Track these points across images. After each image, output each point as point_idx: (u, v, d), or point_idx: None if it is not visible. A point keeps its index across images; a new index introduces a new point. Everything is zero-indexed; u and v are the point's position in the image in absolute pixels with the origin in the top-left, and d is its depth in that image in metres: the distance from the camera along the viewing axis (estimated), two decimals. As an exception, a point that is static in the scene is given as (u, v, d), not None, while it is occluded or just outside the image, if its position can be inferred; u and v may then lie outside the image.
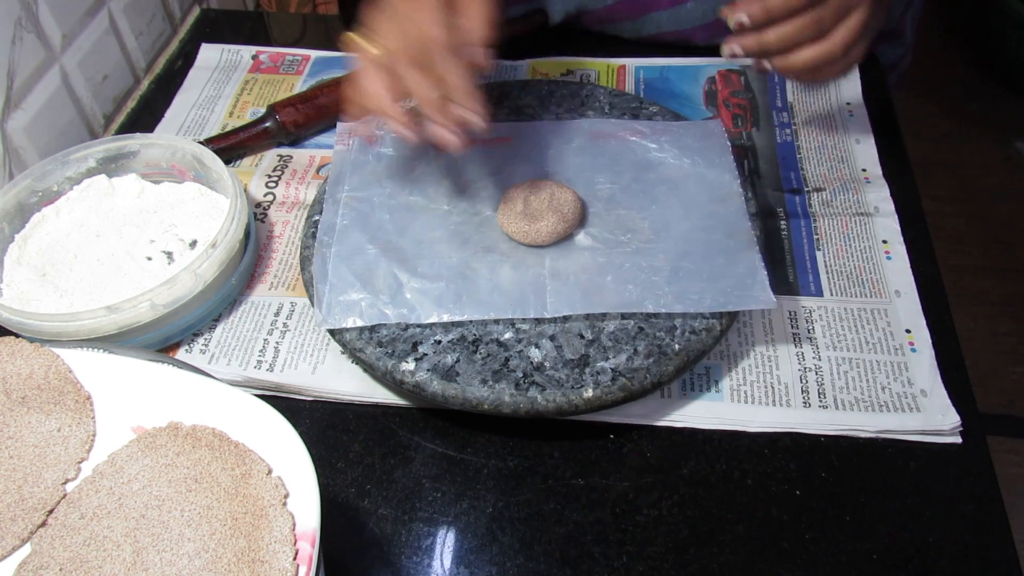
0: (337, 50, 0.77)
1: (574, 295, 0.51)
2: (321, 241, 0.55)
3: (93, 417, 0.37)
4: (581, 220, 0.56)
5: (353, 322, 0.50)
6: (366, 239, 0.55)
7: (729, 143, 0.60)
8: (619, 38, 0.78)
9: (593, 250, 0.54)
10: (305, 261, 0.55)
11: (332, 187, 0.59)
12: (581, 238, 0.55)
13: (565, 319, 0.51)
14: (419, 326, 0.51)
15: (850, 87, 0.71)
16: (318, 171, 0.67)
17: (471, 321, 0.51)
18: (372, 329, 0.50)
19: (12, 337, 0.40)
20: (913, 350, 0.53)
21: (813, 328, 0.55)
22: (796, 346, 0.54)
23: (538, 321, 0.51)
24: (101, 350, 0.41)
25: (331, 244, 0.55)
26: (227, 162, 0.67)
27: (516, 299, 0.51)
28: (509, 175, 0.59)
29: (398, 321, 0.50)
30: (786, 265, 0.59)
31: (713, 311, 0.50)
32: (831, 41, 0.51)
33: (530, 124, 0.63)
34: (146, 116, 0.74)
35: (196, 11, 0.86)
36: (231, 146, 0.67)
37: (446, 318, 0.50)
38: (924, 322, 0.55)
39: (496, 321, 0.51)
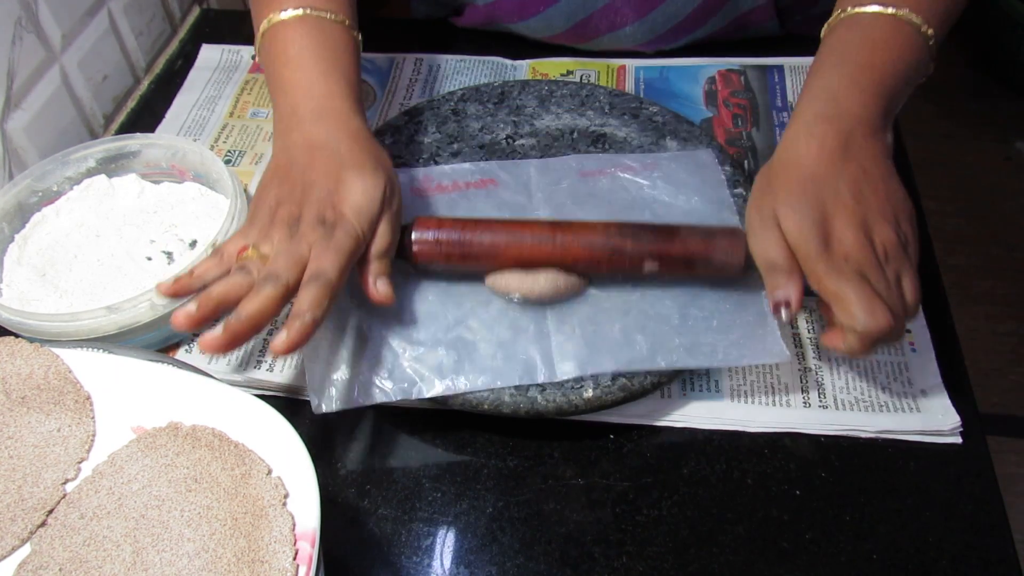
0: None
1: (581, 352, 0.49)
2: None
3: (93, 417, 0.37)
4: (585, 277, 0.52)
5: (350, 405, 0.48)
6: (353, 305, 0.51)
7: (723, 176, 0.58)
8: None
9: (595, 297, 0.52)
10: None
11: None
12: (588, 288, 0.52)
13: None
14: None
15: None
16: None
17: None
18: (372, 329, 0.50)
19: (12, 337, 0.40)
20: (913, 350, 0.53)
21: (813, 328, 0.55)
22: (796, 346, 0.54)
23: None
24: (101, 350, 0.41)
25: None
26: (227, 162, 0.67)
27: (522, 362, 0.49)
28: None
29: (401, 398, 0.48)
30: (786, 265, 0.59)
31: (727, 365, 0.49)
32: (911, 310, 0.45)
33: (516, 163, 0.60)
34: (146, 116, 0.74)
35: (196, 11, 0.86)
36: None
37: (448, 392, 0.48)
38: (924, 322, 0.55)
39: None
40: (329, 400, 0.47)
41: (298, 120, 0.49)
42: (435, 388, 0.48)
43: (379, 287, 0.46)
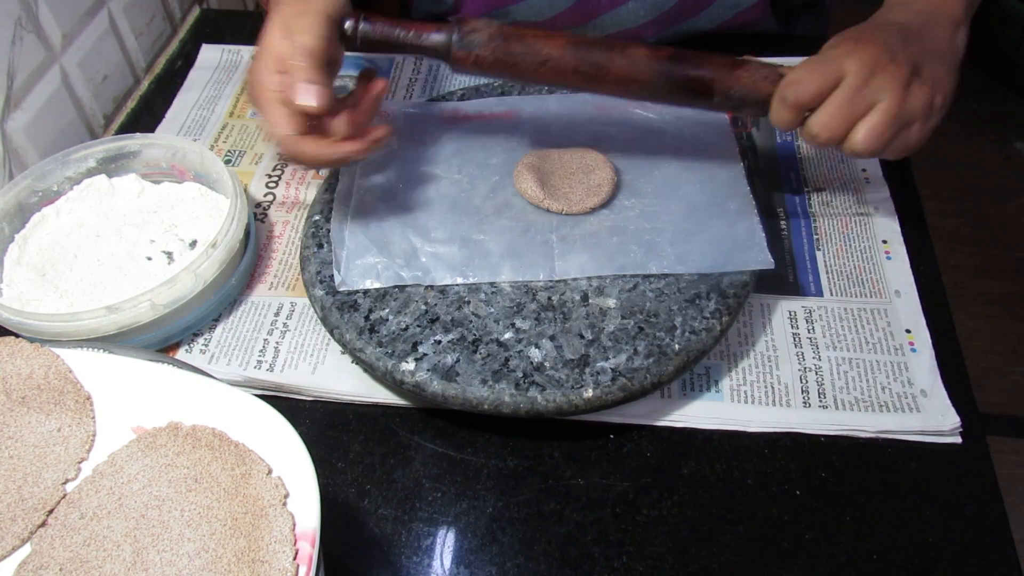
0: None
1: (581, 257, 0.53)
2: (338, 209, 0.57)
3: (93, 417, 0.37)
4: (612, 194, 0.57)
5: (370, 283, 0.52)
6: (381, 207, 0.57)
7: (727, 116, 0.62)
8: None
9: (600, 214, 0.56)
10: (305, 261, 0.55)
11: None
12: None
13: (565, 318, 0.51)
14: (419, 326, 0.51)
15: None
16: (318, 171, 0.67)
17: (474, 317, 0.51)
18: (372, 329, 0.50)
19: (12, 337, 0.40)
20: (913, 350, 0.53)
21: (813, 328, 0.55)
22: (796, 346, 0.54)
23: (538, 320, 0.51)
24: (101, 350, 0.41)
25: (348, 212, 0.56)
26: (227, 162, 0.67)
27: (526, 263, 0.53)
28: (516, 145, 0.61)
29: (414, 283, 0.52)
30: (786, 265, 0.59)
31: (713, 271, 0.52)
32: (854, 141, 0.49)
33: (537, 97, 0.65)
34: (146, 116, 0.74)
35: (196, 11, 0.86)
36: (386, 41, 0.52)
37: (459, 280, 0.53)
38: (924, 322, 0.55)
39: (496, 320, 0.51)
40: (352, 279, 0.52)
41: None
42: (446, 278, 0.53)
43: (302, 93, 0.48)
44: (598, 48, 0.51)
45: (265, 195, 0.65)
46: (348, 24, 0.51)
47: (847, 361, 0.53)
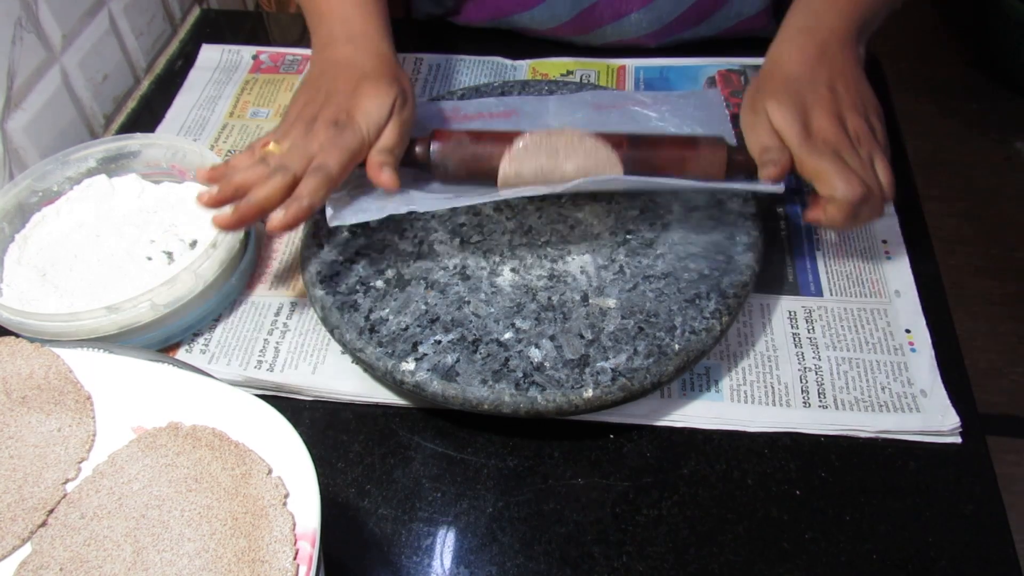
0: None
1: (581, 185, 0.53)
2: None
3: (93, 417, 0.37)
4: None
5: (362, 217, 0.52)
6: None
7: (727, 112, 0.62)
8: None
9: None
10: (305, 261, 0.55)
11: None
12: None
13: (565, 318, 0.51)
14: (419, 326, 0.51)
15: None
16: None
17: (474, 317, 0.51)
18: (372, 329, 0.50)
19: (12, 337, 0.40)
20: (913, 350, 0.53)
21: (813, 328, 0.55)
22: (796, 346, 0.54)
23: (538, 320, 0.51)
24: (101, 350, 0.41)
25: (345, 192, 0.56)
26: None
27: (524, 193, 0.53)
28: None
29: (407, 211, 0.52)
30: (786, 265, 0.59)
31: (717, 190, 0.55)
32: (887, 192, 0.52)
33: (537, 98, 0.65)
34: (146, 116, 0.74)
35: (196, 11, 0.86)
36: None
37: (448, 206, 0.53)
38: (924, 322, 0.55)
39: (496, 320, 0.51)
40: (341, 214, 0.52)
41: (332, 41, 0.57)
42: (439, 204, 0.52)
43: (383, 174, 0.51)
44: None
45: (265, 195, 0.65)
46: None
47: (847, 361, 0.53)
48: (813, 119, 0.52)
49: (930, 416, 0.50)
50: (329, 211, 0.52)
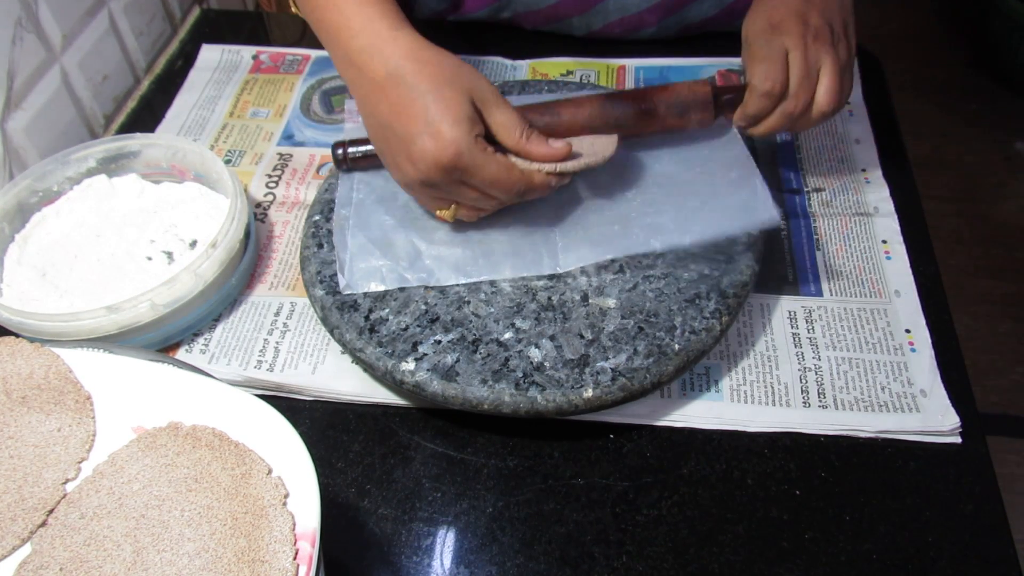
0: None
1: (583, 248, 0.53)
2: (339, 214, 0.56)
3: (93, 417, 0.37)
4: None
5: (375, 286, 0.52)
6: (382, 210, 0.56)
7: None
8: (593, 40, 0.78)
9: (600, 207, 0.56)
10: (305, 261, 0.55)
11: None
12: (589, 198, 0.57)
13: (565, 318, 0.51)
14: (419, 326, 0.51)
15: (850, 87, 0.71)
16: (318, 170, 0.67)
17: (474, 317, 0.51)
18: (372, 329, 0.50)
19: (12, 337, 0.40)
20: (913, 350, 0.53)
21: (813, 328, 0.55)
22: (796, 346, 0.54)
23: (538, 320, 0.51)
24: (101, 350, 0.41)
25: (349, 216, 0.56)
26: (227, 162, 0.67)
27: (528, 260, 0.53)
28: None
29: (419, 284, 0.52)
30: (786, 265, 0.59)
31: (718, 236, 0.52)
32: (821, 104, 0.54)
33: (536, 97, 0.64)
34: (146, 116, 0.74)
35: (196, 11, 0.86)
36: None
37: (463, 280, 0.53)
38: (924, 322, 0.55)
39: (496, 320, 0.51)
40: (356, 282, 0.52)
41: (353, 66, 0.50)
42: (451, 279, 0.53)
43: (554, 146, 0.49)
44: (546, 111, 0.54)
45: (265, 195, 0.65)
46: (339, 152, 0.57)
47: (847, 361, 0.53)
48: (775, 15, 0.54)
49: (930, 416, 0.50)
50: (342, 280, 0.53)
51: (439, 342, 0.50)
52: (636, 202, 0.56)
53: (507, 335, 0.50)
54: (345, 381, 0.53)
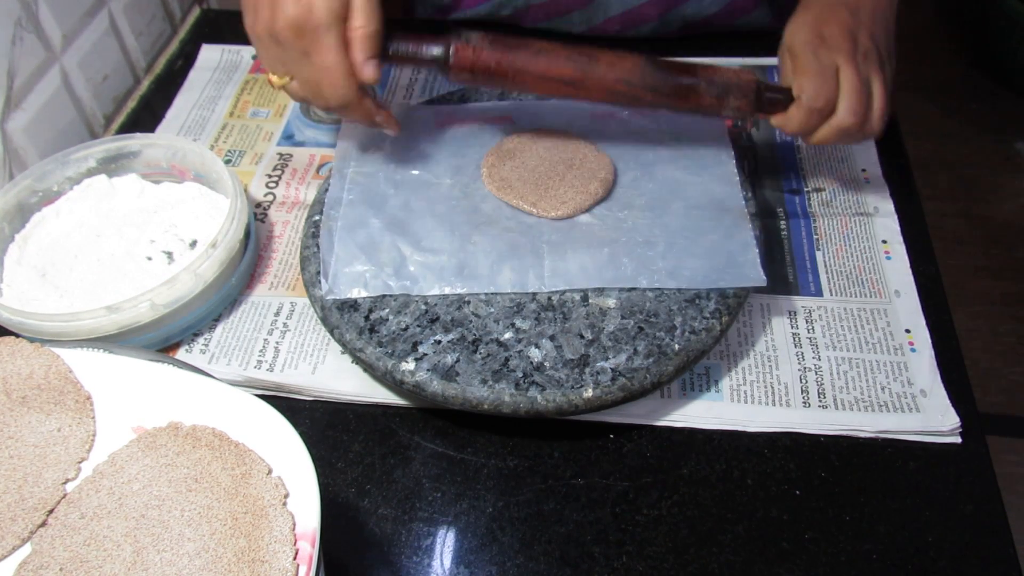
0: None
1: (571, 269, 0.53)
2: (328, 215, 0.56)
3: (93, 417, 0.37)
4: (606, 194, 0.57)
5: (357, 292, 0.52)
6: (371, 213, 0.56)
7: (724, 123, 0.61)
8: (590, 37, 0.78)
9: (591, 226, 0.55)
10: (305, 261, 0.55)
11: (339, 162, 0.60)
12: (582, 215, 0.56)
13: (565, 318, 0.51)
14: (419, 326, 0.51)
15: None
16: (318, 170, 0.67)
17: (474, 317, 0.51)
18: (372, 329, 0.50)
19: (12, 337, 0.40)
20: (913, 350, 0.53)
21: (813, 328, 0.55)
22: (796, 346, 0.54)
23: (538, 320, 0.51)
24: (101, 350, 0.41)
25: (337, 218, 0.56)
26: (227, 162, 0.67)
27: (514, 276, 0.53)
28: None
29: (401, 293, 0.52)
30: (786, 265, 0.59)
31: (704, 287, 0.51)
32: (874, 125, 0.54)
33: (533, 103, 0.65)
34: (146, 116, 0.74)
35: (196, 11, 0.86)
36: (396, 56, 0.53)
37: (447, 291, 0.52)
38: (924, 322, 0.55)
39: (496, 320, 0.51)
40: (339, 288, 0.52)
41: None
42: (434, 288, 0.52)
43: (366, 70, 0.49)
44: (584, 54, 0.52)
45: (265, 195, 0.65)
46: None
47: (847, 361, 0.53)
48: (825, 29, 0.53)
49: (930, 416, 0.50)
50: (324, 286, 0.52)
51: (439, 342, 0.50)
52: (627, 224, 0.55)
53: (507, 335, 0.50)
54: (345, 381, 0.53)
